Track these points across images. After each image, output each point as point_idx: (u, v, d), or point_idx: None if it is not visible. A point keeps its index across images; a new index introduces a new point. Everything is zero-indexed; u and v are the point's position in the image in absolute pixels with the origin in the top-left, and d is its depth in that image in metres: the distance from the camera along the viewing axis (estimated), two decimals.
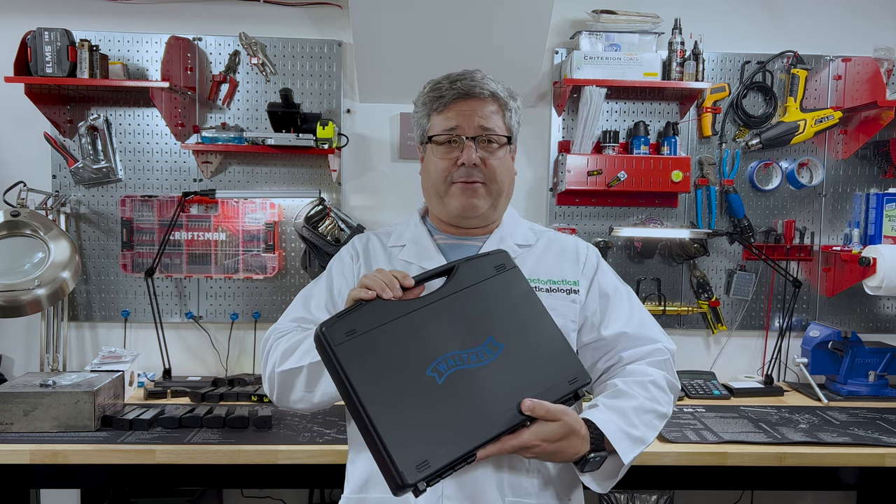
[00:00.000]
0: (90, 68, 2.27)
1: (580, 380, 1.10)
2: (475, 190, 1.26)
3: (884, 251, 2.35)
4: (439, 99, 1.28)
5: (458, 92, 1.27)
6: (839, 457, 1.90)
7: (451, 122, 1.26)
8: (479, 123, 1.26)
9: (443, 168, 1.27)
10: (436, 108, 1.28)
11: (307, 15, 2.52)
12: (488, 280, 1.11)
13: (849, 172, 2.63)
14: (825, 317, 2.66)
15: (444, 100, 1.27)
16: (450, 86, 1.27)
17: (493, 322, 1.07)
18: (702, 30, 2.47)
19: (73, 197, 2.48)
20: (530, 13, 2.26)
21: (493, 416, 1.02)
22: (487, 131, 1.26)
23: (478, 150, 1.25)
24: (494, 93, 1.28)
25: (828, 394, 2.42)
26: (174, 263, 2.51)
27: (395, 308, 1.03)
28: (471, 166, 1.24)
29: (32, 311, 2.25)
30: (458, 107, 1.27)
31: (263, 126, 2.48)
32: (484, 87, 1.27)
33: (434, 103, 1.29)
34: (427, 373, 1.00)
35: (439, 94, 1.28)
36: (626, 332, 1.30)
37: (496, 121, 1.28)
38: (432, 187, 1.30)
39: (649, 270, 2.61)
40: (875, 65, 2.44)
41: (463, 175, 1.25)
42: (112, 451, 1.81)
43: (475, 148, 1.25)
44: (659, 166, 2.42)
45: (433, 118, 1.29)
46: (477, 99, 1.27)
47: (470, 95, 1.27)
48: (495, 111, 1.28)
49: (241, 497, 2.59)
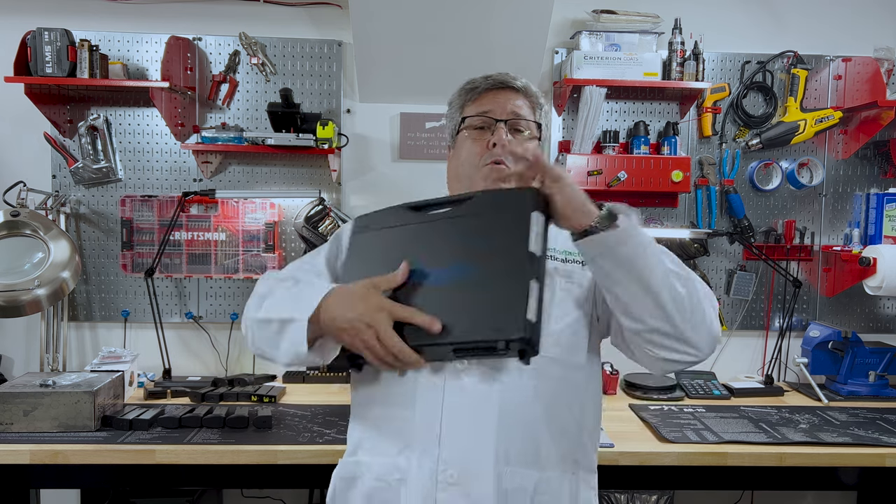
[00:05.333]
0: (90, 68, 2.27)
1: (506, 333, 0.98)
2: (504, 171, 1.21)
3: (884, 251, 2.35)
4: (473, 90, 1.33)
5: (493, 82, 1.31)
6: (839, 457, 1.90)
7: (484, 107, 1.30)
8: (512, 109, 1.28)
9: (475, 152, 1.27)
10: (469, 98, 1.33)
11: (307, 15, 2.52)
12: (493, 214, 1.06)
13: (849, 172, 2.63)
14: (825, 317, 2.66)
15: (477, 90, 1.32)
16: (484, 79, 1.32)
17: (466, 253, 1.05)
18: (702, 30, 2.47)
19: (73, 197, 2.48)
20: (530, 13, 2.26)
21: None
22: (519, 117, 1.29)
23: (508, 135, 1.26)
24: (527, 87, 1.32)
25: (828, 394, 2.42)
26: (174, 263, 2.51)
27: (404, 215, 1.14)
28: (502, 146, 1.24)
29: (32, 311, 2.25)
30: (492, 95, 1.31)
31: (263, 126, 2.48)
32: (517, 81, 1.32)
33: (468, 94, 1.33)
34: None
35: (473, 85, 1.33)
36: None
37: (527, 111, 1.31)
38: (463, 171, 1.30)
39: None
40: (875, 65, 2.44)
41: (493, 156, 1.25)
42: (112, 451, 1.81)
43: (506, 131, 1.27)
44: (659, 166, 2.42)
45: (466, 108, 1.33)
46: (510, 89, 1.31)
47: (504, 85, 1.31)
48: (527, 104, 1.31)
49: (241, 497, 2.58)
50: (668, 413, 2.18)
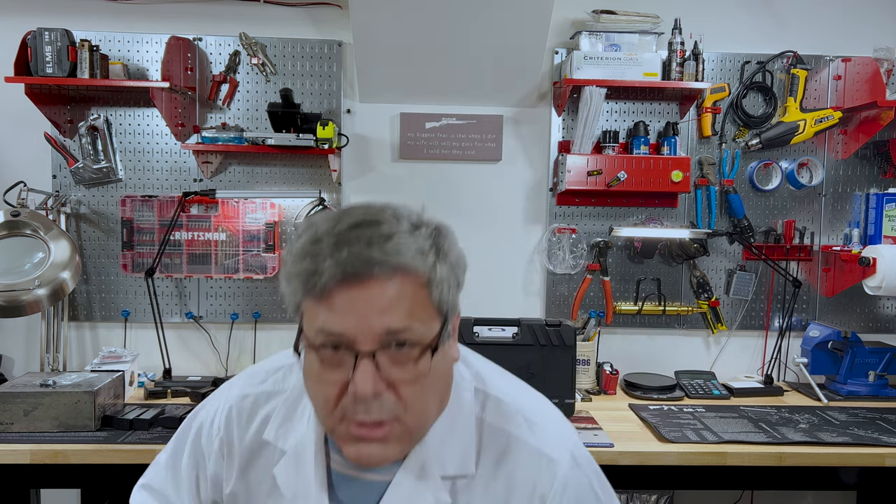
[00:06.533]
0: (90, 68, 2.27)
1: None
2: (374, 437, 0.80)
3: (884, 251, 2.35)
4: (313, 277, 0.76)
5: (344, 272, 0.75)
6: (839, 457, 1.90)
7: (335, 324, 0.77)
8: (383, 325, 0.77)
9: (326, 398, 0.81)
10: (310, 292, 0.78)
11: (307, 15, 2.52)
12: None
13: (849, 172, 2.63)
14: (825, 317, 2.66)
15: (321, 280, 0.76)
16: (331, 253, 0.76)
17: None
18: (702, 30, 2.47)
19: (74, 197, 2.48)
20: (530, 13, 2.26)
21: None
22: (395, 335, 0.78)
23: (382, 369, 0.78)
24: (405, 265, 0.77)
25: (828, 394, 2.42)
26: (174, 263, 2.51)
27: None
28: (368, 398, 0.78)
29: (32, 311, 2.26)
30: (346, 297, 0.76)
31: (263, 126, 2.48)
32: (387, 259, 0.76)
33: (307, 283, 0.77)
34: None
35: (314, 267, 0.76)
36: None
37: (415, 311, 0.79)
38: (318, 416, 0.87)
39: (649, 270, 2.61)
40: (875, 65, 2.44)
41: (358, 412, 0.79)
42: (112, 451, 1.81)
43: (375, 367, 0.78)
44: (659, 166, 2.42)
45: (308, 308, 0.79)
46: (375, 281, 0.76)
47: (363, 277, 0.76)
48: (410, 296, 0.78)
49: None
50: (668, 413, 2.18)
